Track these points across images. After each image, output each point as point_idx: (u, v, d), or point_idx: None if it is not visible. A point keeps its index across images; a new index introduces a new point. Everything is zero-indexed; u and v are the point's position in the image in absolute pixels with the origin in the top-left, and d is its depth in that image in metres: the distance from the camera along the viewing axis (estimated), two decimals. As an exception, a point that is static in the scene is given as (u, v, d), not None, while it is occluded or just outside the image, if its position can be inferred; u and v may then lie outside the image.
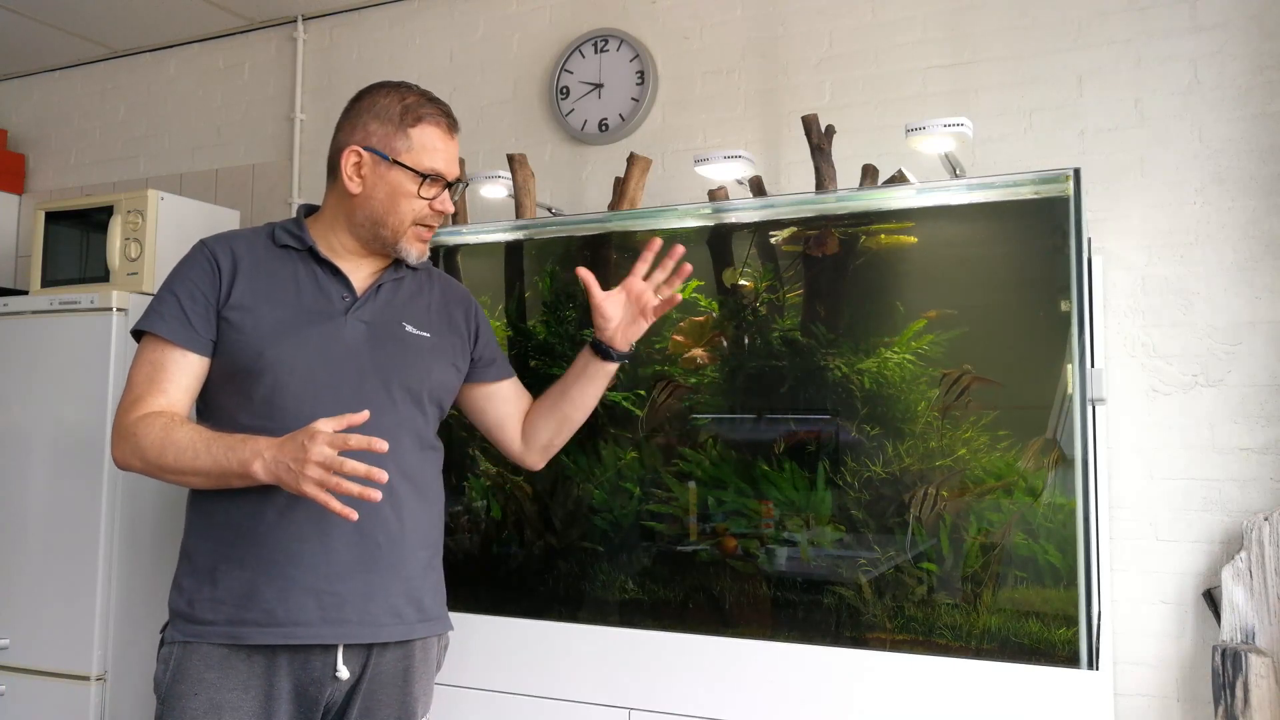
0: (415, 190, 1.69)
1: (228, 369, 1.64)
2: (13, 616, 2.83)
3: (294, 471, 1.44)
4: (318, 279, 1.70)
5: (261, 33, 3.59)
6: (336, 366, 1.66)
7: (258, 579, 1.59)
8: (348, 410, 1.58)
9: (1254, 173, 2.31)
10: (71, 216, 3.18)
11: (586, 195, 2.99)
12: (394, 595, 1.67)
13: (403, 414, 1.71)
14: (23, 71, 4.02)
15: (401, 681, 1.70)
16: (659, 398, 2.27)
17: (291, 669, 1.61)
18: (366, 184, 1.68)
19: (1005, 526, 1.94)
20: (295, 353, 1.64)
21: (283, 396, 1.62)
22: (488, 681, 2.17)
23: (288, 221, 1.75)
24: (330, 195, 1.75)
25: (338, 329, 1.67)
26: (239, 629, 1.58)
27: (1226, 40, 2.35)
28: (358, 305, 1.70)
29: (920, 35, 2.65)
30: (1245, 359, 2.29)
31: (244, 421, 1.61)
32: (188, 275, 1.66)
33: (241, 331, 1.63)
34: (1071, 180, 1.84)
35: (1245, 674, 2.09)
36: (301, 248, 1.71)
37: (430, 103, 1.72)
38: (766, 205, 2.34)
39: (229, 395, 1.65)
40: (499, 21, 3.20)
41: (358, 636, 1.63)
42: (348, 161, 1.68)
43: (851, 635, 1.98)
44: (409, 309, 1.76)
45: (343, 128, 1.73)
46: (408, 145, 1.68)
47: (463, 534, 2.43)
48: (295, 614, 1.59)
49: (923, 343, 2.05)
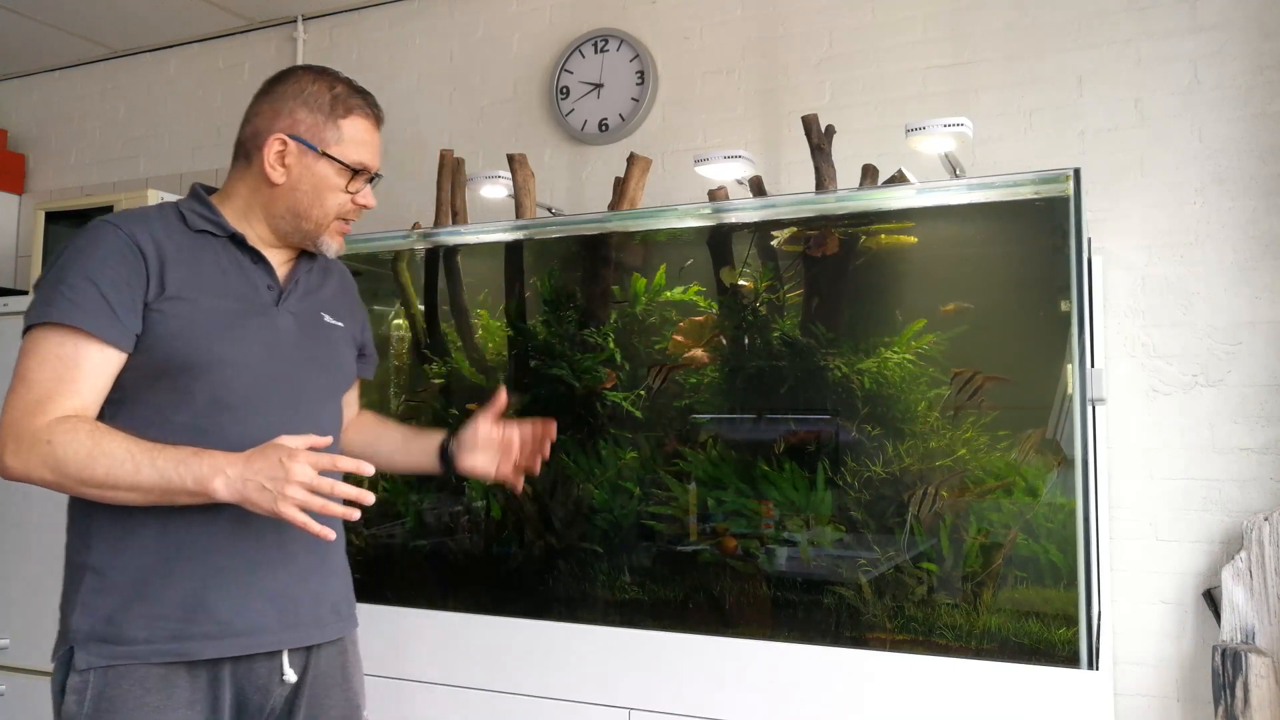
0: (343, 184, 1.60)
1: (159, 364, 1.48)
2: (13, 616, 2.83)
3: (269, 491, 1.35)
4: (242, 267, 1.58)
5: (261, 33, 3.59)
6: (277, 361, 1.57)
7: (206, 589, 1.48)
8: (294, 409, 1.54)
9: (1254, 173, 2.31)
10: (71, 216, 3.18)
11: (586, 195, 2.99)
12: (335, 593, 1.64)
13: (333, 407, 1.68)
14: (23, 71, 4.02)
15: (342, 678, 1.66)
16: (654, 383, 2.27)
17: (235, 679, 1.52)
18: (291, 174, 1.58)
19: (1011, 534, 1.93)
20: (241, 347, 1.53)
21: (227, 394, 1.51)
22: (488, 681, 2.17)
23: (191, 203, 1.60)
24: (242, 180, 1.61)
25: (273, 321, 1.58)
26: (185, 644, 1.46)
27: (1226, 40, 2.35)
28: (285, 297, 1.61)
29: (920, 35, 2.65)
30: (1245, 359, 2.29)
31: (181, 420, 1.48)
32: (105, 259, 1.46)
33: (180, 324, 1.49)
34: (1071, 180, 1.84)
35: (1245, 674, 2.09)
36: (222, 234, 1.58)
37: (359, 94, 1.63)
38: (766, 205, 2.34)
39: (161, 393, 1.49)
40: (499, 21, 3.20)
41: (309, 638, 1.58)
42: (271, 149, 1.56)
43: (851, 635, 1.98)
44: (323, 298, 1.70)
45: (262, 112, 1.60)
46: (338, 137, 1.59)
47: (463, 534, 2.43)
48: (254, 621, 1.51)
49: (923, 343, 2.05)
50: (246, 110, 1.63)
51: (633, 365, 2.30)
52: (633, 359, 2.28)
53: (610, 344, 2.34)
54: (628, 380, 2.31)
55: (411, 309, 2.60)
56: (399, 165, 3.28)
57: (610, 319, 2.36)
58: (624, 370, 2.32)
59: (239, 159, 1.63)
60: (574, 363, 2.36)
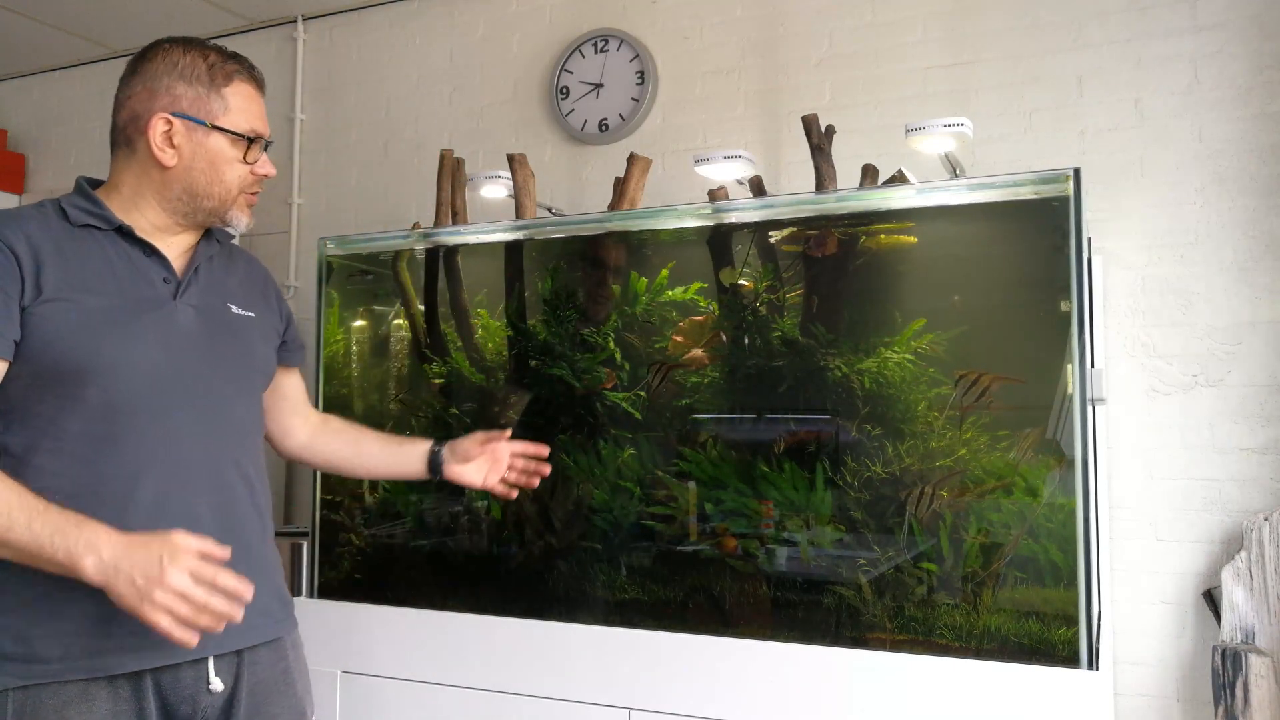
0: (239, 155, 1.53)
1: (45, 371, 1.40)
2: None
3: (137, 589, 1.26)
4: (132, 261, 1.49)
5: (261, 33, 3.59)
6: (178, 359, 1.49)
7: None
8: (200, 410, 1.49)
9: (1254, 173, 2.31)
10: (71, 216, 3.17)
11: (586, 195, 2.99)
12: (264, 594, 1.52)
13: (246, 404, 1.61)
14: (23, 71, 4.02)
15: (285, 684, 1.59)
16: (654, 382, 2.27)
17: (159, 689, 1.44)
18: (183, 154, 1.49)
19: (1015, 536, 1.93)
20: (133, 348, 1.44)
21: (124, 397, 1.43)
22: (488, 681, 2.17)
23: (73, 197, 1.52)
24: (127, 169, 1.53)
25: (169, 316, 1.49)
26: (100, 659, 1.39)
27: (1226, 40, 2.35)
28: (183, 289, 1.52)
29: (920, 35, 2.65)
30: (1245, 359, 2.29)
31: (76, 429, 1.41)
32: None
33: (61, 327, 1.40)
34: (1071, 180, 1.84)
35: (1245, 674, 2.09)
36: (108, 227, 1.49)
37: (234, 59, 1.56)
38: (766, 205, 2.34)
39: (50, 401, 1.41)
40: (499, 22, 3.20)
41: (234, 643, 1.49)
42: (156, 131, 1.48)
43: (851, 635, 1.98)
44: (229, 287, 1.61)
45: (136, 93, 1.51)
46: (224, 107, 1.51)
47: (463, 534, 2.43)
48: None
49: (922, 342, 2.05)
50: (115, 95, 1.55)
51: (633, 365, 2.30)
52: (633, 358, 2.28)
53: (610, 344, 2.34)
54: (627, 380, 2.31)
55: (411, 309, 2.60)
56: (399, 165, 3.29)
57: (610, 319, 2.36)
58: (624, 370, 2.32)
59: (119, 146, 1.55)
60: (574, 363, 2.36)
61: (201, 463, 1.50)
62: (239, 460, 1.56)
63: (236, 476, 1.55)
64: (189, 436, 1.49)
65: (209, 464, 1.51)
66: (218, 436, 1.53)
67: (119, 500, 1.41)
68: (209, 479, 1.51)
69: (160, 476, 1.45)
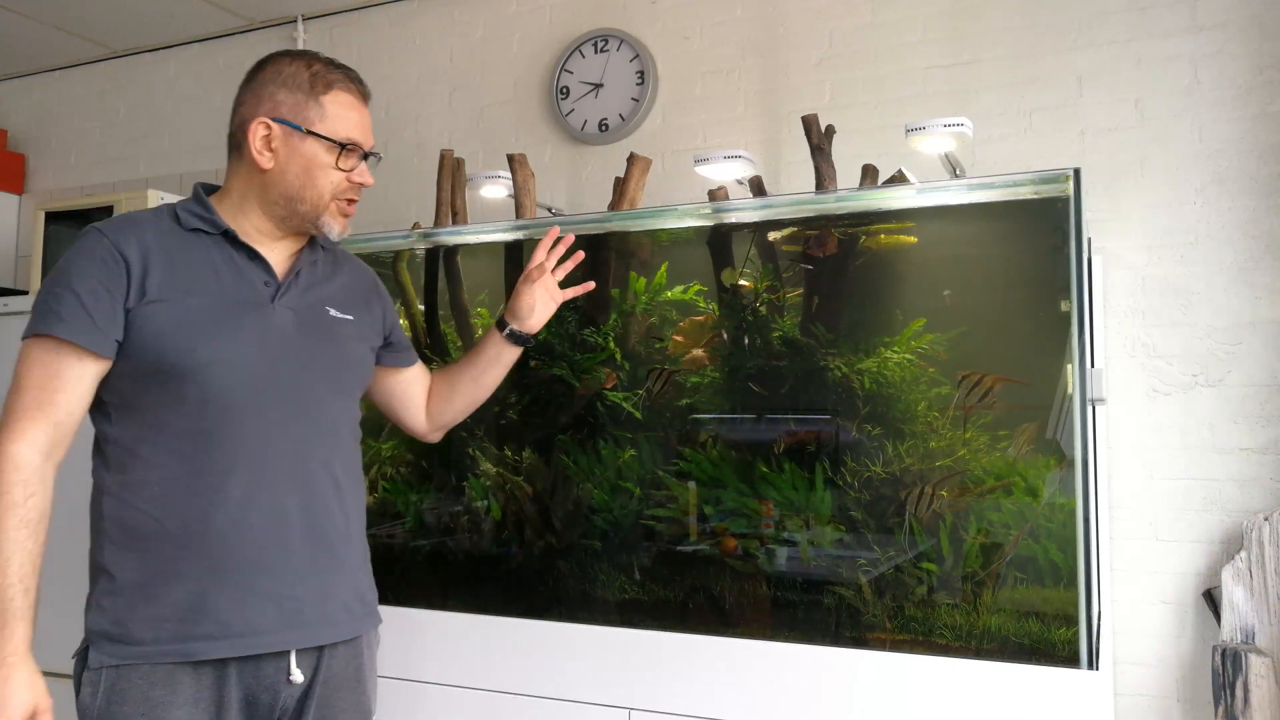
0: (333, 161, 1.58)
1: (148, 368, 1.49)
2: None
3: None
4: (236, 264, 1.57)
5: (261, 33, 3.59)
6: (273, 359, 1.55)
7: (207, 590, 1.49)
8: (294, 407, 1.56)
9: (1254, 173, 2.31)
10: (71, 216, 3.18)
11: (586, 195, 2.99)
12: (345, 593, 1.62)
13: (340, 404, 1.66)
14: (23, 71, 4.02)
15: (356, 681, 1.65)
16: (654, 387, 2.27)
17: (242, 678, 1.52)
18: (279, 158, 1.57)
19: (1015, 538, 1.93)
20: (229, 347, 1.52)
21: (219, 395, 1.50)
22: (488, 681, 2.17)
23: (189, 203, 1.60)
24: (235, 174, 1.61)
25: (267, 318, 1.56)
26: (187, 645, 1.48)
27: (1226, 40, 2.35)
28: (282, 292, 1.59)
29: (920, 35, 2.65)
30: (1245, 359, 2.29)
31: (175, 424, 1.50)
32: (86, 269, 1.48)
33: (163, 327, 1.49)
34: (1071, 180, 1.84)
35: (1245, 674, 2.09)
36: (215, 231, 1.57)
37: (339, 68, 1.62)
38: (766, 205, 2.34)
39: (154, 396, 1.50)
40: (499, 21, 3.20)
41: (315, 639, 1.57)
42: (256, 135, 1.56)
43: (851, 635, 1.98)
44: (329, 291, 1.67)
45: (245, 100, 1.60)
46: (320, 114, 1.57)
47: (463, 534, 2.43)
48: (253, 622, 1.51)
49: (922, 342, 2.05)
50: (233, 102, 1.63)
51: (633, 366, 2.30)
52: (632, 358, 2.28)
53: (610, 344, 2.34)
54: (628, 380, 2.31)
55: (412, 309, 2.60)
56: (399, 165, 3.29)
57: (610, 319, 2.36)
58: (624, 370, 2.32)
59: (231, 152, 1.63)
60: (574, 363, 2.36)
61: (291, 461, 1.57)
62: (329, 460, 1.61)
63: (325, 476, 1.61)
64: (281, 435, 1.56)
65: (299, 463, 1.57)
66: (309, 436, 1.59)
67: (209, 495, 1.50)
68: (298, 478, 1.57)
69: (250, 474, 1.52)
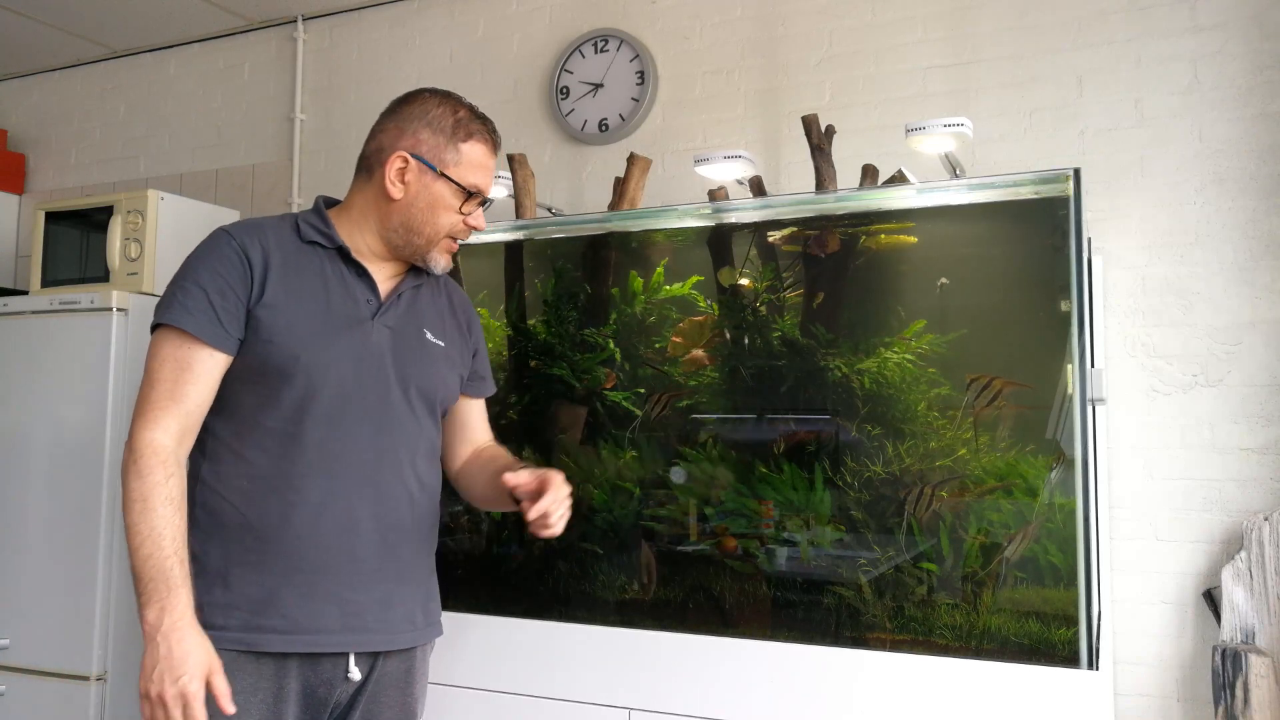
0: (457, 205, 1.67)
1: (252, 368, 1.58)
2: (13, 616, 2.83)
3: (148, 674, 1.41)
4: (345, 280, 1.65)
5: (261, 33, 3.59)
6: (365, 373, 1.63)
7: (279, 585, 1.56)
8: (377, 421, 1.61)
9: (1254, 173, 2.31)
10: (71, 216, 3.18)
11: (586, 195, 2.99)
12: (410, 603, 1.69)
13: (422, 423, 1.71)
14: (23, 71, 4.02)
15: (404, 684, 1.70)
16: (654, 410, 2.27)
17: (301, 671, 1.59)
18: (409, 191, 1.65)
19: (1016, 538, 1.93)
20: (328, 357, 1.59)
21: (311, 402, 1.58)
22: (488, 682, 2.17)
23: (310, 215, 1.69)
24: (361, 194, 1.70)
25: (365, 334, 1.64)
26: (254, 635, 1.55)
27: (1226, 40, 2.35)
28: (383, 310, 1.67)
29: (920, 35, 2.65)
30: (1245, 359, 2.29)
31: (268, 424, 1.57)
32: (215, 268, 1.57)
33: (274, 331, 1.57)
34: (1071, 180, 1.84)
35: (1245, 674, 2.09)
36: (330, 246, 1.66)
37: (480, 119, 1.73)
38: (766, 205, 2.34)
39: (253, 395, 1.59)
40: (499, 22, 3.20)
41: (374, 645, 1.63)
42: (392, 166, 1.65)
43: (851, 635, 1.98)
44: (428, 316, 1.74)
45: (388, 130, 1.69)
46: (457, 159, 1.67)
47: (463, 534, 2.43)
48: (317, 621, 1.57)
49: (922, 343, 2.05)
50: (372, 127, 1.72)
51: (631, 366, 2.30)
52: (632, 358, 2.28)
53: (610, 344, 2.34)
54: (627, 380, 2.31)
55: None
56: (399, 165, 3.28)
57: (611, 319, 2.36)
58: (622, 370, 2.32)
59: (361, 172, 1.71)
60: (574, 363, 2.36)
61: (370, 473, 1.62)
62: (406, 475, 1.67)
63: (402, 490, 1.66)
64: (363, 447, 1.62)
65: (377, 475, 1.63)
66: (391, 450, 1.65)
67: (289, 495, 1.57)
68: (374, 489, 1.63)
69: (328, 480, 1.59)
